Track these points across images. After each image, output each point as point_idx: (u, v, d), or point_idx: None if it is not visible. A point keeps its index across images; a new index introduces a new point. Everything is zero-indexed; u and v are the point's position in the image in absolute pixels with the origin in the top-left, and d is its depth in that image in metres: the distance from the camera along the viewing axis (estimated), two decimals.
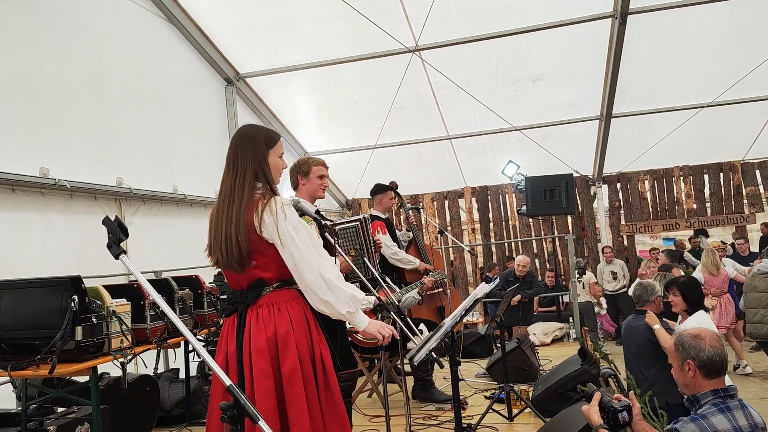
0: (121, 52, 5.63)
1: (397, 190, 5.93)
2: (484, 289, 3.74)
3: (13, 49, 4.40)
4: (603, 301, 9.54)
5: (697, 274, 7.39)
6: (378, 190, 5.60)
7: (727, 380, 2.63)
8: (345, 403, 3.54)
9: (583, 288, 9.02)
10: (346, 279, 3.52)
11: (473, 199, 10.75)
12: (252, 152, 2.36)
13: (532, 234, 10.50)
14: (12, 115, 4.33)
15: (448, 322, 3.17)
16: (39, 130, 4.56)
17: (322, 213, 3.40)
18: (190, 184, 6.41)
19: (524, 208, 8.99)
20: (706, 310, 4.47)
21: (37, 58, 4.62)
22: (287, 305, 2.34)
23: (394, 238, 5.58)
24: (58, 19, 4.87)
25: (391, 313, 3.24)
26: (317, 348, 2.39)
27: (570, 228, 10.32)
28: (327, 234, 3.35)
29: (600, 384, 3.53)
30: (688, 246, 10.10)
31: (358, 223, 3.52)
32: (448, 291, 5.76)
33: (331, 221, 3.47)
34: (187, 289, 4.12)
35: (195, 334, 4.26)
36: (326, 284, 2.27)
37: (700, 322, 4.16)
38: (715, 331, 2.66)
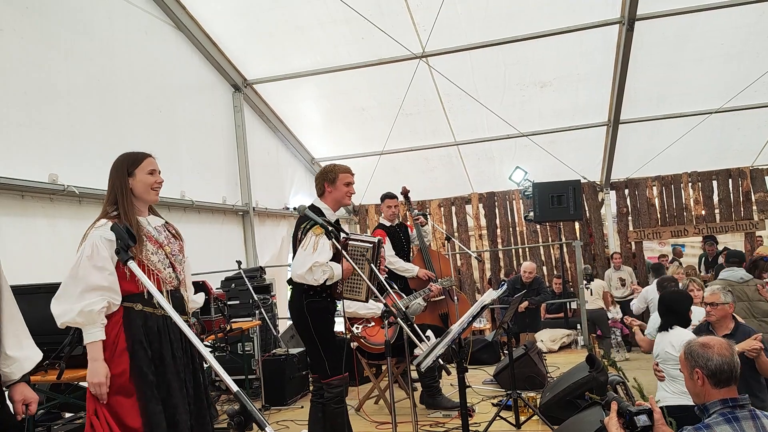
0: (130, 59, 5.67)
1: (407, 195, 5.96)
2: (491, 295, 3.74)
3: (23, 56, 4.44)
4: (614, 308, 9.44)
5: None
6: (382, 198, 5.66)
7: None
8: (338, 408, 3.55)
9: (591, 294, 8.94)
10: (348, 286, 3.58)
11: (480, 205, 10.73)
12: (111, 181, 2.64)
13: (540, 240, 10.46)
14: (21, 121, 4.37)
15: (455, 328, 3.17)
16: (48, 137, 4.59)
17: (339, 222, 3.42)
18: (197, 190, 6.44)
19: (532, 214, 8.97)
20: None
21: (47, 64, 4.65)
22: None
23: (400, 246, 5.59)
24: (68, 26, 4.91)
25: (398, 319, 3.25)
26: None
27: (578, 234, 10.26)
28: (335, 242, 3.37)
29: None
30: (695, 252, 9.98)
31: (372, 245, 3.59)
32: (455, 298, 5.75)
33: (346, 233, 3.50)
34: None
35: (202, 340, 4.26)
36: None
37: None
38: (724, 341, 2.61)
